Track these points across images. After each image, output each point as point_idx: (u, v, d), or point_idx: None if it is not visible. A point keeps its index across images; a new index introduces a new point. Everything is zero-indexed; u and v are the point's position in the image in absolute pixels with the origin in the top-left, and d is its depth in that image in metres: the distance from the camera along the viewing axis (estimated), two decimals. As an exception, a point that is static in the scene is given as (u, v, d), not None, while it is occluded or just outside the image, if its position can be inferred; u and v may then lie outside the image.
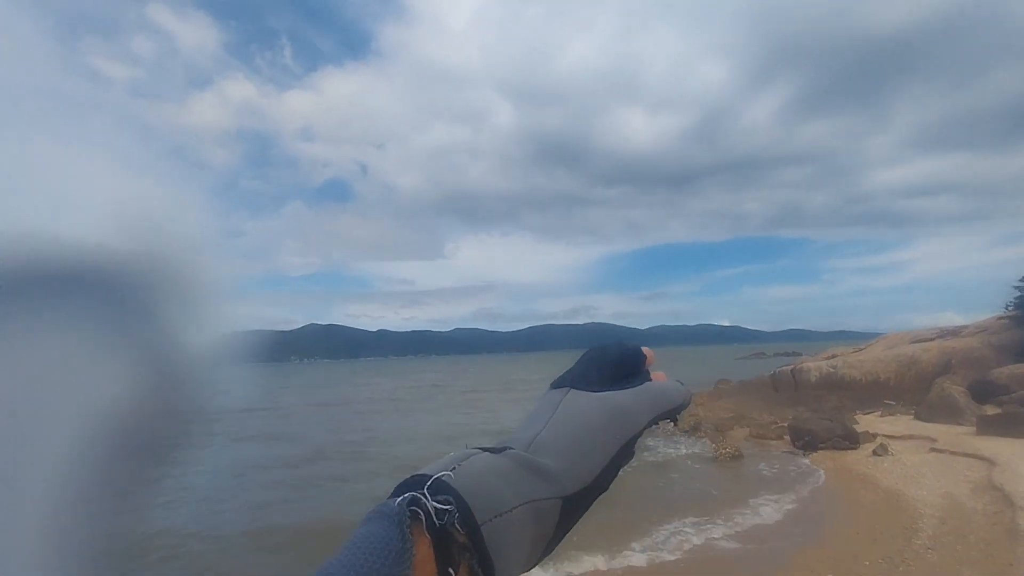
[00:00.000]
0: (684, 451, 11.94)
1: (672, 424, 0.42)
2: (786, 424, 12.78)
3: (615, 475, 0.36)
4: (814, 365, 17.70)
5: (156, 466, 0.24)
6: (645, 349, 0.43)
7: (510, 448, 0.32)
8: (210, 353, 0.27)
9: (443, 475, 0.28)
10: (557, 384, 0.40)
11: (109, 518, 0.21)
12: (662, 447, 12.17)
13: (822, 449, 10.91)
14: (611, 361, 0.41)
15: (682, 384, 0.43)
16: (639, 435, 0.38)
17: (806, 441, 11.29)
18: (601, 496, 0.36)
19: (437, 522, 0.26)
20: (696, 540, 6.80)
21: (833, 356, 18.97)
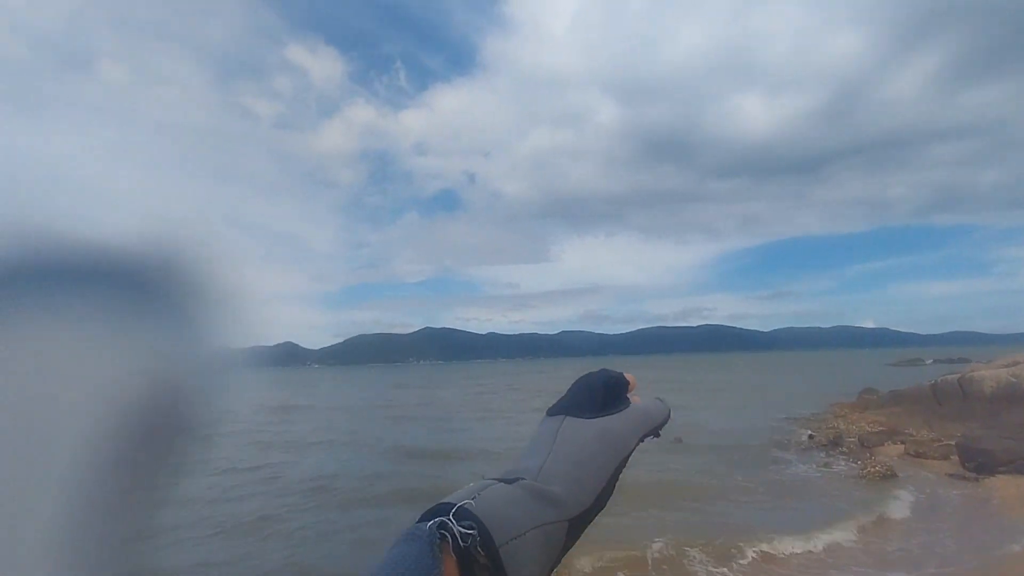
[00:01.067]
0: (821, 468, 10.70)
1: (655, 438, 0.46)
2: (953, 442, 10.88)
3: (612, 493, 0.40)
4: (989, 374, 14.82)
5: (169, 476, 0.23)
6: (627, 375, 0.46)
7: (522, 478, 0.37)
8: (220, 362, 0.27)
9: (466, 503, 0.32)
10: (553, 412, 0.43)
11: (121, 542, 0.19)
12: (795, 462, 11.01)
13: (1001, 473, 9.10)
14: (599, 388, 0.44)
15: (662, 401, 0.47)
16: (631, 454, 0.42)
17: (980, 463, 9.51)
18: (600, 513, 0.40)
19: (462, 544, 0.30)
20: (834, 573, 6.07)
21: (1016, 363, 15.74)
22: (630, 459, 0.42)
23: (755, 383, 32.89)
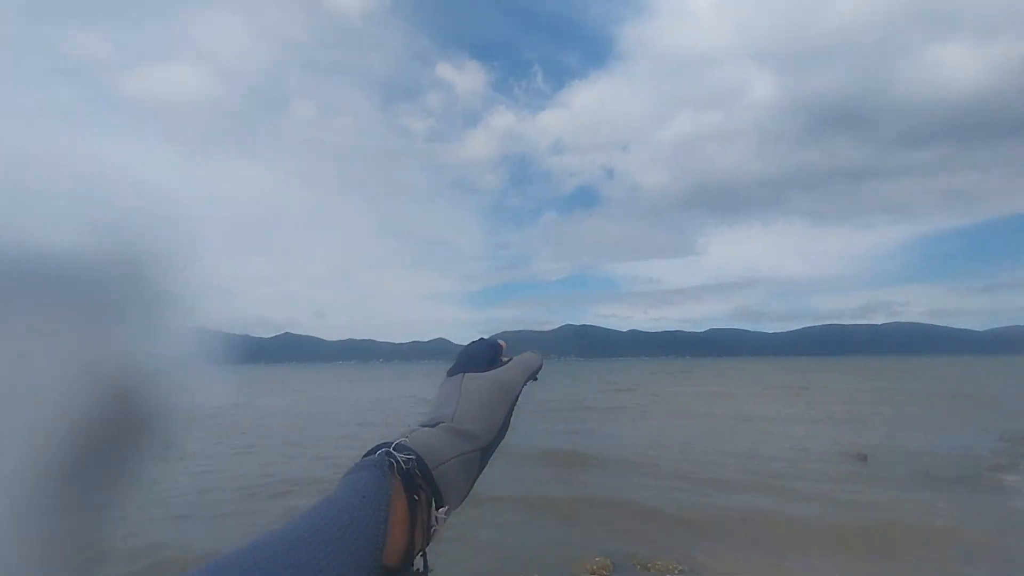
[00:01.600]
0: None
1: (534, 380, 0.58)
2: None
3: (508, 426, 0.52)
4: None
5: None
6: (500, 341, 0.60)
7: (441, 422, 0.47)
8: (177, 355, 0.27)
9: (402, 440, 0.43)
10: (452, 372, 0.55)
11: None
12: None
13: None
14: (484, 352, 0.57)
15: (535, 353, 0.59)
16: (520, 393, 0.54)
17: None
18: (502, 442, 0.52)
19: (404, 467, 0.40)
20: None
21: None
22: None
23: (967, 393, 26.42)
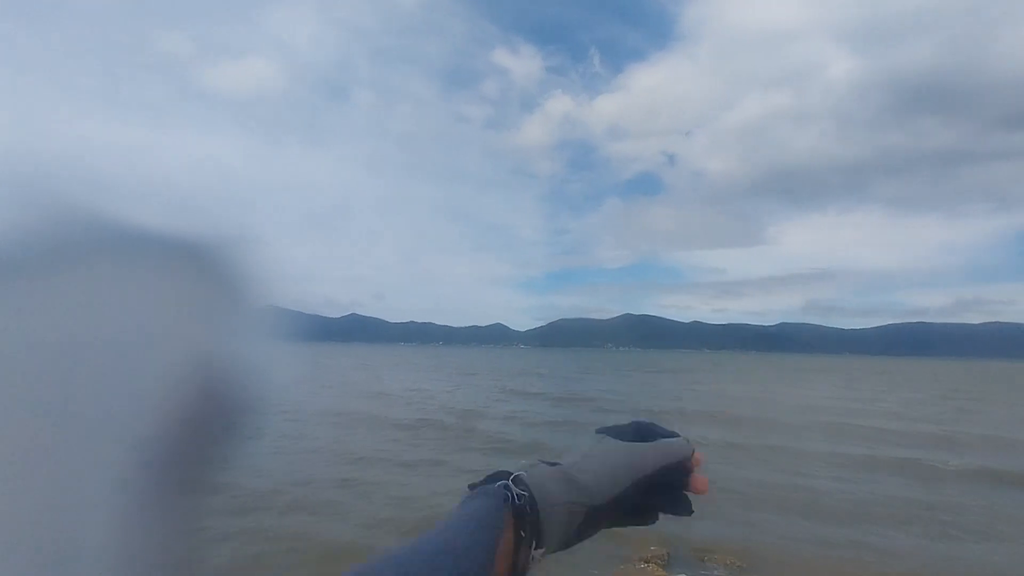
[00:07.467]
0: None
1: (685, 474, 0.51)
2: None
3: (631, 504, 0.49)
4: None
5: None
6: (698, 453, 0.53)
7: (560, 464, 0.48)
8: (252, 333, 0.26)
9: (520, 473, 0.45)
10: (599, 431, 0.53)
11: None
12: None
13: None
14: (646, 433, 0.52)
15: (687, 440, 0.53)
16: (650, 476, 0.49)
17: None
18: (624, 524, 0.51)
19: (518, 502, 0.42)
20: None
21: None
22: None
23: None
